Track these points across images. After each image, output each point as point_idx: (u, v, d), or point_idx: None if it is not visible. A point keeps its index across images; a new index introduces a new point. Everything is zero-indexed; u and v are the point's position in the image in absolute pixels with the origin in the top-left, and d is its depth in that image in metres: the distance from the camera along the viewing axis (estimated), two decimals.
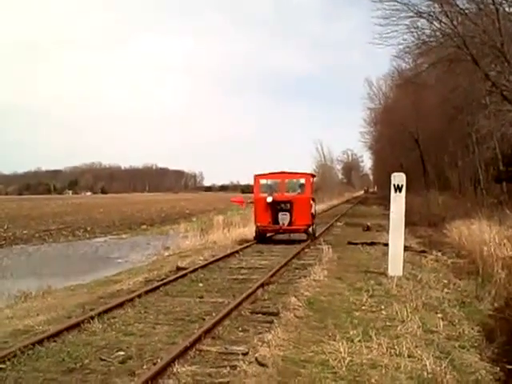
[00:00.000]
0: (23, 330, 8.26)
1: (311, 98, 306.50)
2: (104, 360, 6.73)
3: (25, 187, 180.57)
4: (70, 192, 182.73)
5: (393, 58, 37.31)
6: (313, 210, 20.42)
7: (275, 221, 19.62)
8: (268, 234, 20.98)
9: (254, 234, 21.26)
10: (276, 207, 19.65)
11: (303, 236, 20.01)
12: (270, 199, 19.42)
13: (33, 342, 7.27)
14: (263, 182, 21.25)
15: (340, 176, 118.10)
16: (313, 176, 22.26)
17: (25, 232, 35.93)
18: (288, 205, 19.62)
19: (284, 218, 19.48)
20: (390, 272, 12.49)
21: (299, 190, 20.62)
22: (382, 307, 9.50)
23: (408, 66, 36.09)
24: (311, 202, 20.15)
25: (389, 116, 52.06)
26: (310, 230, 20.07)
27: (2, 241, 30.88)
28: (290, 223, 19.50)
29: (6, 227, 38.59)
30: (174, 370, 6.21)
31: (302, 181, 20.92)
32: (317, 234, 21.92)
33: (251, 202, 21.09)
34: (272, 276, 12.13)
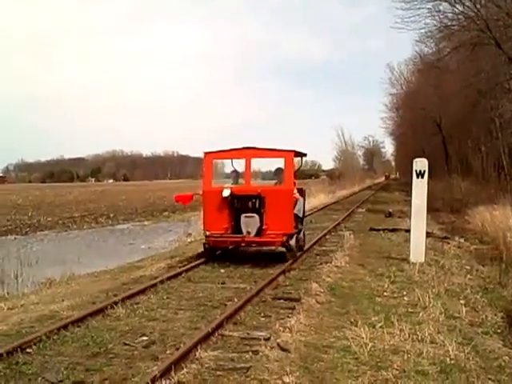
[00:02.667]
0: (49, 316, 8.39)
1: (331, 84, 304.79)
2: (128, 345, 6.81)
3: (48, 175, 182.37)
4: (93, 180, 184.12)
5: (415, 42, 36.97)
6: (298, 210, 12.96)
7: (235, 228, 12.40)
8: (225, 249, 12.97)
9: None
10: (236, 205, 12.44)
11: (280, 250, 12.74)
12: (226, 192, 12.26)
13: (58, 326, 7.37)
14: (218, 164, 15.25)
15: (361, 162, 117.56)
16: (299, 155, 13.71)
17: (49, 219, 36.33)
18: (256, 201, 12.37)
19: (249, 224, 12.19)
20: (412, 258, 12.44)
21: (275, 178, 13.36)
22: (404, 293, 9.49)
23: (430, 50, 35.69)
24: (295, 196, 12.81)
25: (410, 101, 51.60)
26: (293, 242, 12.32)
27: (27, 228, 31.28)
28: (260, 232, 12.14)
29: (30, 214, 39.06)
30: (197, 354, 6.26)
31: (280, 163, 13.01)
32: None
33: (197, 194, 13.61)
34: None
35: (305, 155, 14.10)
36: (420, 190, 12.66)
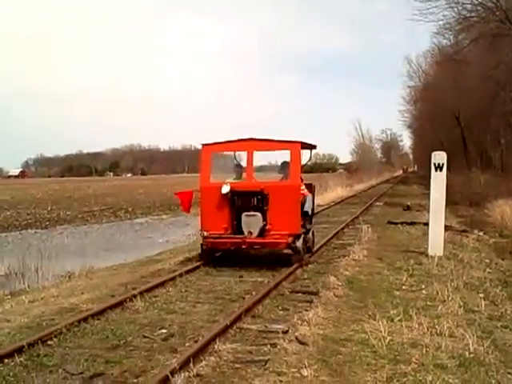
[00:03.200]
0: (68, 308, 8.49)
1: (348, 77, 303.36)
2: (147, 337, 6.87)
3: (67, 169, 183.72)
4: (111, 174, 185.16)
5: (433, 34, 36.52)
6: (308, 207, 12.07)
7: (236, 227, 11.37)
8: (225, 251, 11.81)
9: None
10: (237, 203, 11.36)
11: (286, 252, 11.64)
12: (226, 189, 11.25)
13: (78, 319, 7.46)
14: (217, 157, 13.22)
15: (379, 155, 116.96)
16: (307, 147, 12.55)
17: (68, 213, 36.64)
18: (259, 198, 11.25)
19: (251, 223, 11.15)
20: (431, 251, 12.38)
21: (281, 173, 12.24)
22: (423, 287, 9.45)
23: (448, 42, 35.36)
24: (303, 192, 11.89)
25: (429, 94, 51.22)
26: (300, 243, 11.15)
27: (47, 222, 31.57)
28: (263, 232, 11.09)
29: (49, 208, 39.42)
30: (216, 347, 6.30)
31: (286, 155, 11.78)
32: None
33: (196, 190, 12.21)
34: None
35: (314, 147, 13.06)
36: (439, 183, 12.58)
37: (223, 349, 6.28)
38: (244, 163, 12.33)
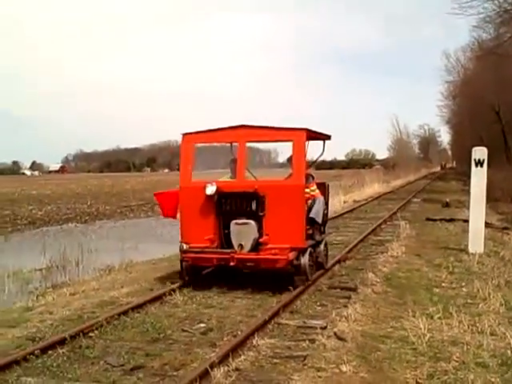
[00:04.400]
0: (109, 301, 8.63)
1: (385, 72, 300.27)
2: (186, 331, 6.94)
3: (106, 165, 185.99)
4: (149, 169, 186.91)
5: (472, 28, 35.88)
6: (315, 213, 9.67)
7: (223, 239, 9.19)
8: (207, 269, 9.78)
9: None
10: (225, 208, 9.15)
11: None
12: (210, 189, 9.06)
13: (118, 312, 7.58)
14: (204, 150, 11.57)
15: (416, 151, 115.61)
16: (318, 137, 10.27)
17: (107, 208, 37.09)
18: (252, 202, 8.96)
19: (242, 234, 8.90)
20: (471, 249, 12.20)
21: (281, 169, 11.05)
22: (463, 284, 9.33)
23: (488, 36, 34.68)
24: (313, 193, 9.86)
25: (468, 89, 50.38)
26: (305, 260, 8.96)
27: (86, 216, 32.05)
28: (257, 246, 8.86)
29: (89, 203, 39.97)
30: (254, 342, 6.33)
31: (287, 148, 9.69)
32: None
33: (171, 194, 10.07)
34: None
35: (327, 138, 10.66)
36: (479, 179, 12.38)
37: (262, 344, 6.32)
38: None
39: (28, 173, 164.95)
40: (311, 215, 9.56)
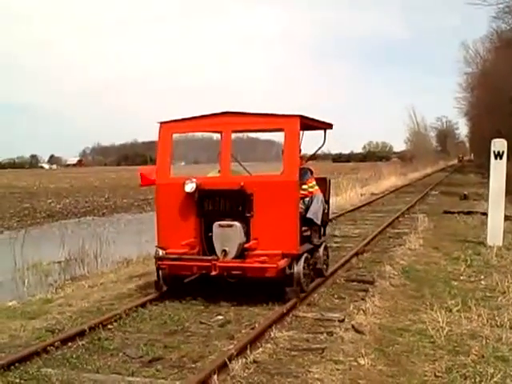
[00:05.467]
0: (127, 294, 8.69)
1: (402, 63, 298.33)
2: (204, 323, 6.97)
3: (123, 158, 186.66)
4: (183, 162, 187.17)
5: (492, 19, 35.52)
6: (313, 213, 8.52)
7: (205, 244, 8.10)
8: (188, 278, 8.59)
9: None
10: (207, 207, 8.12)
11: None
12: (190, 186, 8.02)
13: (136, 304, 7.64)
14: (181, 140, 10.13)
15: (434, 144, 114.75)
16: (317, 126, 9.11)
17: (124, 201, 37.28)
18: (238, 201, 7.94)
19: (226, 238, 7.79)
20: (489, 242, 12.11)
21: (271, 162, 9.09)
22: (482, 277, 9.27)
23: (508, 27, 34.29)
24: (311, 190, 8.75)
25: (487, 80, 49.78)
26: (298, 268, 7.78)
27: (104, 209, 32.25)
28: (243, 252, 7.72)
29: (107, 196, 40.22)
30: (272, 334, 6.35)
31: (278, 137, 9.42)
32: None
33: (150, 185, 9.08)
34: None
35: (328, 126, 9.44)
36: (498, 171, 12.27)
37: (280, 336, 6.33)
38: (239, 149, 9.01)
39: (46, 166, 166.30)
40: (308, 215, 8.46)
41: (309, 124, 8.49)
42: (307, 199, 8.64)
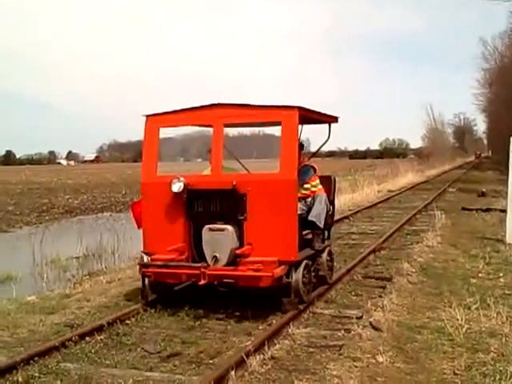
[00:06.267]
0: None
1: (418, 59, 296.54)
2: (221, 320, 6.98)
3: (139, 155, 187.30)
4: (182, 159, 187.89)
5: (510, 14, 35.14)
6: (316, 215, 7.89)
7: (194, 250, 7.47)
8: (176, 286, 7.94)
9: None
10: (196, 209, 7.47)
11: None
12: (178, 186, 7.39)
13: (153, 300, 7.64)
14: (170, 135, 9.64)
15: (451, 140, 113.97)
16: (319, 119, 8.43)
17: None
18: (230, 202, 7.28)
19: (217, 243, 7.12)
20: (508, 239, 11.99)
21: (267, 159, 9.58)
22: (501, 275, 9.19)
23: None
24: (315, 190, 8.14)
25: (505, 76, 49.41)
26: (297, 276, 7.09)
27: (121, 205, 32.36)
28: (235, 259, 7.05)
29: (124, 192, 40.37)
30: (289, 331, 6.35)
31: (275, 130, 8.60)
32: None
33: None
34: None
35: (333, 120, 8.75)
36: None
37: (297, 333, 6.34)
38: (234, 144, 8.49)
39: (64, 162, 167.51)
40: (310, 218, 7.83)
41: (310, 117, 7.76)
42: (309, 199, 8.01)
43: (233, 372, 5.03)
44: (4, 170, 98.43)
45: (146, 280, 7.52)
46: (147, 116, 7.90)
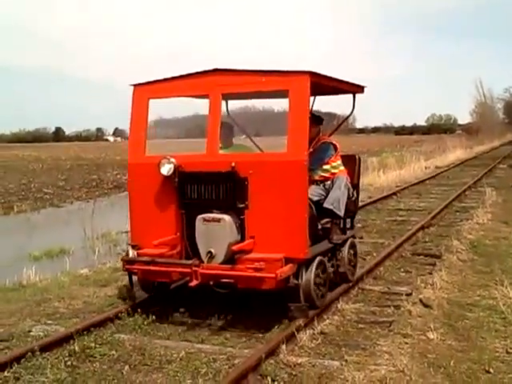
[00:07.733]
0: None
1: (468, 33, 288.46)
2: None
3: (184, 131, 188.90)
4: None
5: None
6: (332, 202, 6.63)
7: (187, 243, 6.23)
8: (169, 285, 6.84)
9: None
10: (189, 195, 6.20)
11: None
12: (167, 168, 6.15)
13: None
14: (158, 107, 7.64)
15: (501, 116, 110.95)
16: (339, 87, 6.98)
17: None
18: (228, 188, 6.01)
19: (212, 236, 5.88)
20: None
21: (275, 136, 8.66)
22: None
23: None
24: (330, 170, 6.94)
25: None
26: (309, 277, 5.93)
27: None
28: (233, 254, 5.81)
29: None
30: (339, 306, 6.37)
31: (282, 102, 7.12)
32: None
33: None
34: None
35: (358, 90, 7.53)
36: None
37: (346, 308, 6.36)
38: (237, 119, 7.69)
39: (111, 139, 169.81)
40: (326, 205, 6.63)
41: (325, 85, 6.48)
42: (329, 183, 6.85)
43: (283, 346, 5.08)
44: (54, 146, 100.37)
45: (137, 278, 6.54)
46: (135, 85, 6.73)
